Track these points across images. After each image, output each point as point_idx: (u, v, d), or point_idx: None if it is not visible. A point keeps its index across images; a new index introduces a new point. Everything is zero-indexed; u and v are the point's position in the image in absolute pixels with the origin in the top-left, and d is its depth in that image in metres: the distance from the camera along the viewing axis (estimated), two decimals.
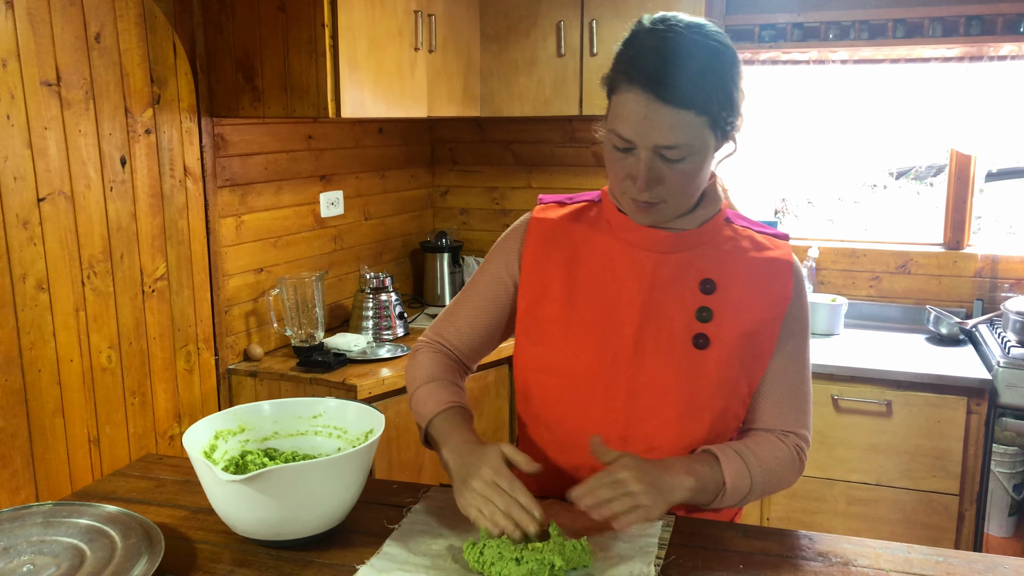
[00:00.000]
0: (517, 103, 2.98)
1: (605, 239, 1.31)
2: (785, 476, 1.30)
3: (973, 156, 3.02)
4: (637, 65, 1.15)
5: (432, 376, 1.38)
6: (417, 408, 1.36)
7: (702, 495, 1.22)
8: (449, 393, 1.35)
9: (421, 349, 1.44)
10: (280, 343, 2.80)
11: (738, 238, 1.31)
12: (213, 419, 1.30)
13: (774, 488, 1.30)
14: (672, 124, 1.13)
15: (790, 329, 1.30)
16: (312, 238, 2.91)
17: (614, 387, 1.28)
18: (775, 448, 1.29)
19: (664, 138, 1.14)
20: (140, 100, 2.24)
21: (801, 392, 1.33)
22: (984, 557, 1.19)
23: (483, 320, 1.42)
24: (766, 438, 1.30)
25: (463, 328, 1.43)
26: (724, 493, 1.23)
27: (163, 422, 2.38)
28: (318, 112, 2.37)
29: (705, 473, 1.22)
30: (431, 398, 1.34)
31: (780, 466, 1.28)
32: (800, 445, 1.32)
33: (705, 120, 1.15)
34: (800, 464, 1.31)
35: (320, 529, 1.19)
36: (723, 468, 1.23)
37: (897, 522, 2.67)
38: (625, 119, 1.16)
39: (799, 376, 1.32)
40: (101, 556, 1.12)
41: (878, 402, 2.62)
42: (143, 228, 2.28)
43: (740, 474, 1.24)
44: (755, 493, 1.27)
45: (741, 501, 1.27)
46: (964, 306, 3.06)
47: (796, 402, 1.32)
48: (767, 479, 1.27)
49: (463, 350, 1.44)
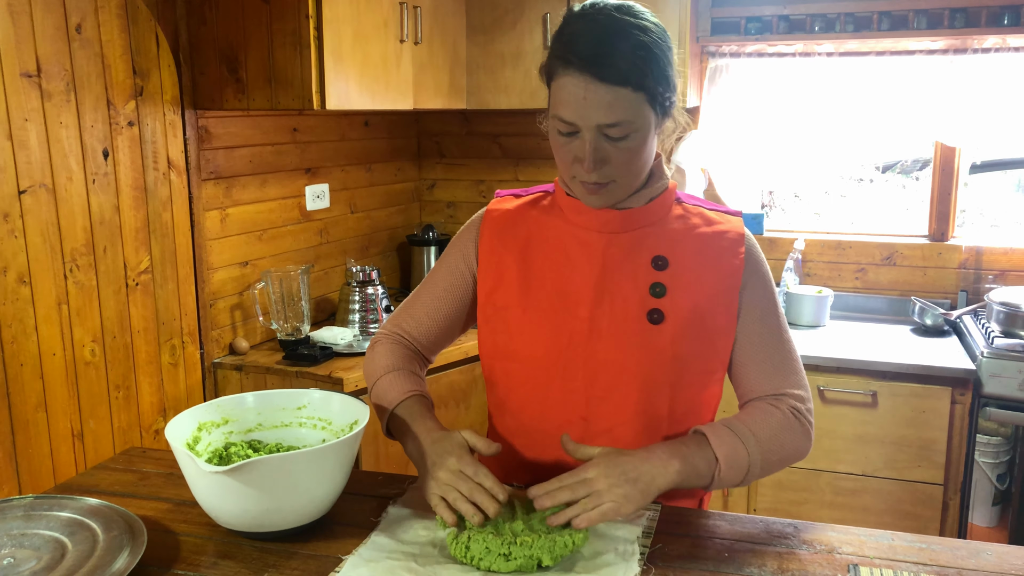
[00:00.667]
0: (503, 95, 2.97)
1: (557, 224, 1.34)
2: (788, 441, 1.27)
3: (957, 148, 3.04)
4: (571, 48, 1.18)
5: (391, 366, 1.38)
6: (378, 399, 1.37)
7: (695, 477, 1.20)
8: (409, 382, 1.36)
9: (380, 341, 1.45)
10: (266, 337, 2.78)
11: (688, 215, 1.34)
12: (196, 411, 1.29)
13: (782, 456, 1.27)
14: (611, 101, 1.16)
15: (751, 297, 1.31)
16: (298, 231, 2.90)
17: (572, 368, 1.30)
18: (767, 415, 1.27)
19: (605, 116, 1.17)
20: (122, 92, 2.22)
21: (782, 353, 1.32)
22: (967, 544, 1.19)
23: (442, 311, 1.43)
24: (757, 406, 1.30)
25: (422, 319, 1.44)
26: (720, 470, 1.21)
27: (148, 416, 2.36)
28: (303, 104, 2.35)
29: (693, 453, 1.21)
30: (391, 388, 1.35)
31: (777, 431, 1.26)
32: (795, 406, 1.29)
33: (643, 96, 1.18)
34: (801, 425, 1.29)
35: (304, 521, 1.19)
36: (712, 444, 1.22)
37: (882, 512, 2.68)
38: (565, 102, 1.19)
39: (776, 338, 1.32)
40: (82, 549, 1.11)
41: (864, 393, 2.64)
42: (126, 221, 2.26)
43: (732, 447, 1.22)
44: (758, 465, 1.24)
45: (747, 476, 1.24)
46: (949, 297, 3.07)
47: (779, 364, 1.31)
48: (767, 447, 1.25)
49: (422, 341, 1.45)
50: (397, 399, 1.34)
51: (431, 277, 1.46)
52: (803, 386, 1.32)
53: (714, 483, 1.23)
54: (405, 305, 1.48)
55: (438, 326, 1.44)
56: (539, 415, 1.34)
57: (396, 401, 1.33)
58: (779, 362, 1.31)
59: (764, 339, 1.31)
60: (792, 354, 1.33)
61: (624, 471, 1.15)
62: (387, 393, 1.35)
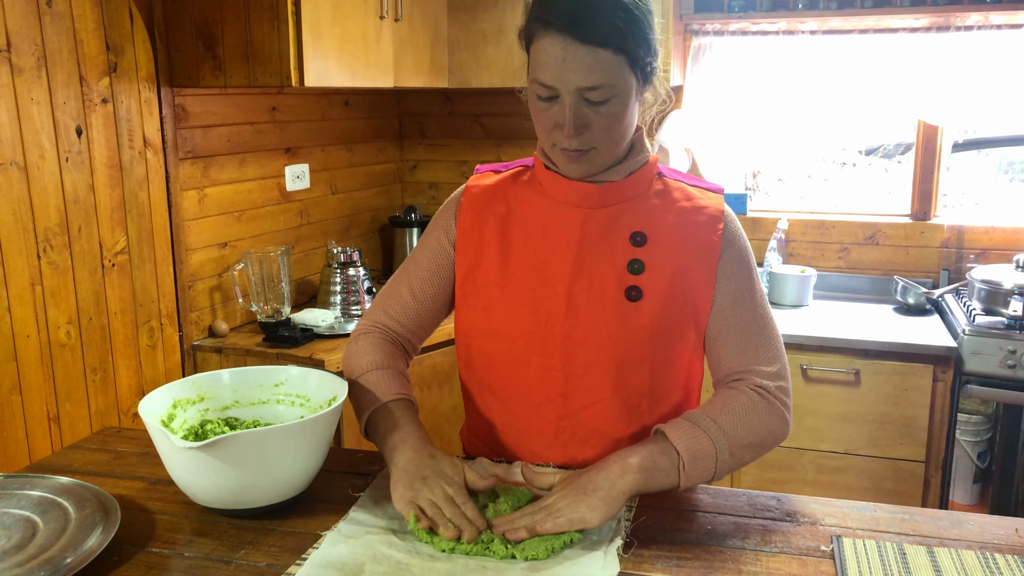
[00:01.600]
0: (485, 74, 2.94)
1: (536, 199, 1.32)
2: (757, 424, 1.22)
3: (940, 127, 3.04)
4: (551, 9, 1.15)
5: (377, 364, 1.33)
6: (360, 395, 1.30)
7: (659, 474, 1.15)
8: (397, 384, 1.31)
9: (363, 335, 1.39)
10: (246, 319, 2.75)
11: (669, 190, 1.31)
12: (171, 387, 1.27)
13: (753, 441, 1.22)
14: (591, 63, 1.14)
15: (728, 272, 1.28)
16: (278, 212, 2.86)
17: (550, 345, 1.28)
18: (729, 399, 1.23)
19: (585, 79, 1.14)
20: (95, 68, 2.17)
21: (754, 330, 1.27)
22: (949, 514, 1.19)
23: (428, 291, 1.38)
24: (719, 394, 1.26)
25: (407, 301, 1.39)
26: (683, 464, 1.16)
27: (126, 399, 2.33)
28: (281, 81, 2.32)
29: (652, 451, 1.16)
30: (378, 386, 1.29)
31: (742, 415, 1.21)
32: (761, 384, 1.24)
33: (624, 59, 1.16)
34: (768, 404, 1.23)
35: (282, 497, 1.17)
36: (671, 439, 1.17)
37: (865, 490, 2.69)
38: (545, 65, 1.16)
39: (749, 315, 1.28)
40: (54, 527, 1.09)
41: (846, 371, 2.64)
42: (101, 200, 2.22)
43: (693, 438, 1.17)
44: (727, 453, 1.19)
45: (718, 468, 1.18)
46: (931, 276, 3.08)
47: (750, 340, 1.27)
48: (734, 434, 1.20)
49: (409, 326, 1.40)
50: (386, 398, 1.28)
51: (413, 258, 1.41)
52: (775, 362, 1.27)
53: (683, 479, 1.17)
54: (388, 290, 1.42)
55: (425, 308, 1.39)
56: (518, 393, 1.32)
57: (384, 400, 1.28)
58: (750, 338, 1.27)
59: (737, 316, 1.28)
60: (766, 331, 1.28)
61: (580, 486, 1.12)
62: (374, 389, 1.29)
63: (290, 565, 1.05)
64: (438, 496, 1.12)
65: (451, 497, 1.12)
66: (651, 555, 1.08)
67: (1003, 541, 1.12)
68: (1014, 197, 3.49)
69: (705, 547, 1.10)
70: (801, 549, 1.10)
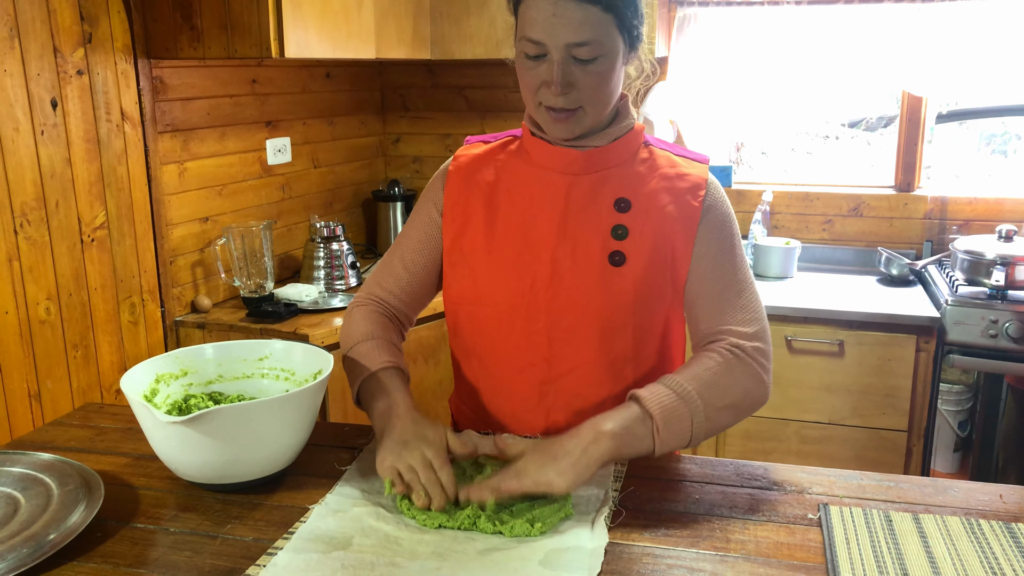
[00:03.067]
0: (468, 45, 2.90)
1: (523, 167, 1.32)
2: (731, 384, 1.20)
3: (924, 98, 3.04)
4: None
5: (369, 335, 1.33)
6: (352, 365, 1.31)
7: (633, 439, 1.13)
8: (388, 353, 1.31)
9: (357, 307, 1.40)
10: (229, 294, 2.73)
11: (655, 158, 1.32)
12: (154, 362, 1.25)
13: (729, 403, 1.19)
14: (580, 19, 1.14)
15: (708, 237, 1.27)
16: (259, 186, 2.83)
17: (535, 310, 1.28)
18: (702, 360, 1.22)
19: (574, 34, 1.15)
20: (70, 39, 2.12)
21: (732, 291, 1.26)
22: (934, 482, 1.20)
23: (419, 262, 1.39)
24: (695, 356, 1.25)
25: (399, 272, 1.40)
26: (657, 428, 1.13)
27: (108, 376, 2.31)
28: (260, 52, 2.28)
29: (624, 416, 1.14)
30: (369, 356, 1.30)
31: (717, 375, 1.19)
32: (737, 344, 1.22)
33: (612, 19, 1.17)
34: (744, 364, 1.21)
35: (268, 472, 1.16)
36: (644, 403, 1.15)
37: (848, 459, 2.72)
38: (534, 21, 1.17)
39: (728, 277, 1.27)
40: (36, 504, 1.07)
41: (830, 342, 2.65)
42: (79, 174, 2.18)
43: (665, 401, 1.15)
44: (702, 416, 1.16)
45: (693, 431, 1.16)
46: (914, 247, 3.10)
47: (728, 301, 1.26)
48: (709, 395, 1.17)
49: (402, 297, 1.41)
50: (375, 367, 1.28)
51: (405, 230, 1.42)
52: (753, 324, 1.25)
53: (657, 444, 1.14)
54: (380, 265, 1.44)
55: (417, 279, 1.40)
56: (503, 358, 1.33)
57: (374, 368, 1.28)
58: (728, 300, 1.26)
59: (715, 279, 1.27)
60: (744, 294, 1.27)
61: (551, 451, 1.11)
62: (364, 359, 1.30)
63: (277, 539, 1.04)
64: (416, 460, 1.12)
65: (429, 461, 1.12)
66: (639, 525, 1.08)
67: (987, 507, 1.12)
68: (995, 168, 3.51)
69: (693, 516, 1.10)
70: (788, 517, 1.10)
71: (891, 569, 0.97)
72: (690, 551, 1.02)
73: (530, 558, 0.99)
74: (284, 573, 0.95)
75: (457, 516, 1.07)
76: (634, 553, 1.02)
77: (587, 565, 0.97)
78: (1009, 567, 0.97)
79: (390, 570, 0.96)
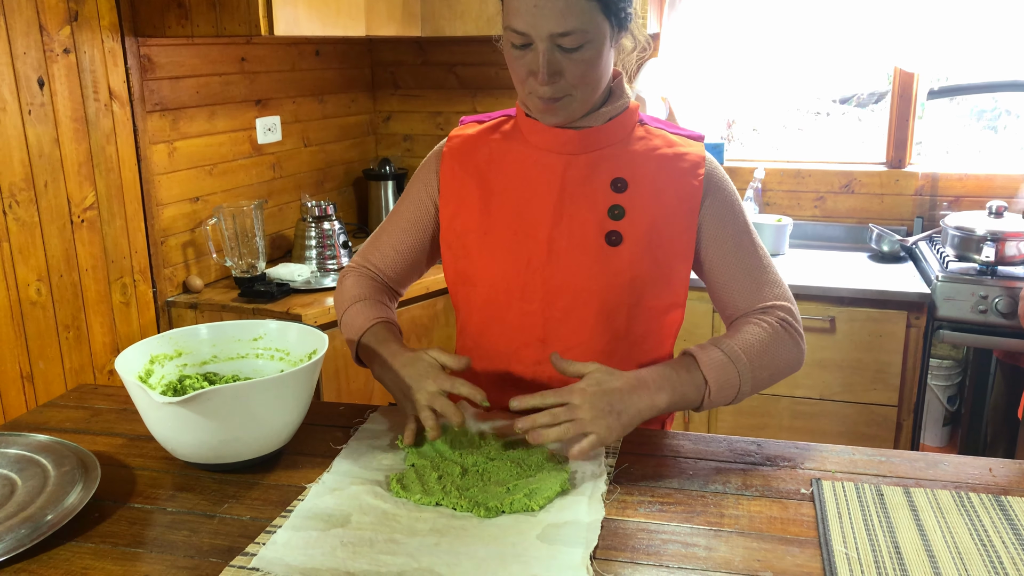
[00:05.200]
0: (459, 21, 2.88)
1: (518, 147, 1.32)
2: (780, 354, 1.25)
3: (916, 74, 3.03)
4: None
5: (359, 296, 1.37)
6: (346, 329, 1.36)
7: (683, 403, 1.18)
8: (377, 310, 1.35)
9: (348, 274, 1.44)
10: (221, 274, 2.72)
11: (650, 137, 1.32)
12: (148, 343, 1.25)
13: (772, 372, 1.24)
14: (563, 9, 1.14)
15: (714, 218, 1.29)
16: (250, 165, 2.81)
17: (530, 290, 1.29)
18: (756, 329, 1.24)
19: (557, 24, 1.14)
20: (56, 17, 2.09)
21: (760, 268, 1.30)
22: (924, 456, 1.21)
23: (407, 243, 1.41)
24: (745, 322, 1.27)
25: (388, 252, 1.43)
26: (709, 393, 1.18)
27: (100, 356, 2.30)
28: (249, 30, 2.25)
29: (683, 381, 1.18)
30: (359, 316, 1.34)
31: (769, 345, 1.23)
32: (785, 318, 1.27)
33: (596, 5, 1.16)
34: (791, 337, 1.26)
35: (264, 451, 1.16)
36: (702, 368, 1.18)
37: (839, 434, 2.74)
38: (517, 11, 1.16)
39: (751, 255, 1.30)
40: (33, 485, 1.08)
41: (822, 319, 2.67)
42: (68, 154, 2.16)
43: (722, 369, 1.19)
44: (748, 383, 1.21)
45: (738, 396, 1.22)
46: (905, 224, 3.11)
47: (759, 278, 1.29)
48: (758, 364, 1.22)
49: (390, 275, 1.44)
50: (364, 326, 1.32)
51: (396, 209, 1.43)
52: (788, 297, 1.30)
53: (703, 406, 1.20)
54: (372, 238, 1.46)
55: (404, 259, 1.43)
56: (498, 337, 1.34)
57: (363, 328, 1.32)
58: (759, 276, 1.29)
59: (739, 257, 1.29)
60: (771, 267, 1.31)
61: (611, 402, 1.12)
62: (354, 320, 1.34)
63: (275, 518, 1.05)
64: (425, 401, 1.17)
65: (438, 391, 1.17)
66: (634, 500, 1.09)
67: (977, 480, 1.14)
68: (986, 144, 3.52)
69: (687, 492, 1.11)
70: (781, 492, 1.11)
71: (882, 543, 0.98)
72: (684, 526, 1.03)
73: (527, 532, 1.00)
74: (284, 550, 0.96)
75: (451, 496, 1.07)
76: (629, 528, 1.03)
77: (584, 539, 0.98)
78: (999, 539, 0.99)
79: (389, 546, 0.97)
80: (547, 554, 0.95)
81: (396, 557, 0.95)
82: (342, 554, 0.95)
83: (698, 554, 0.97)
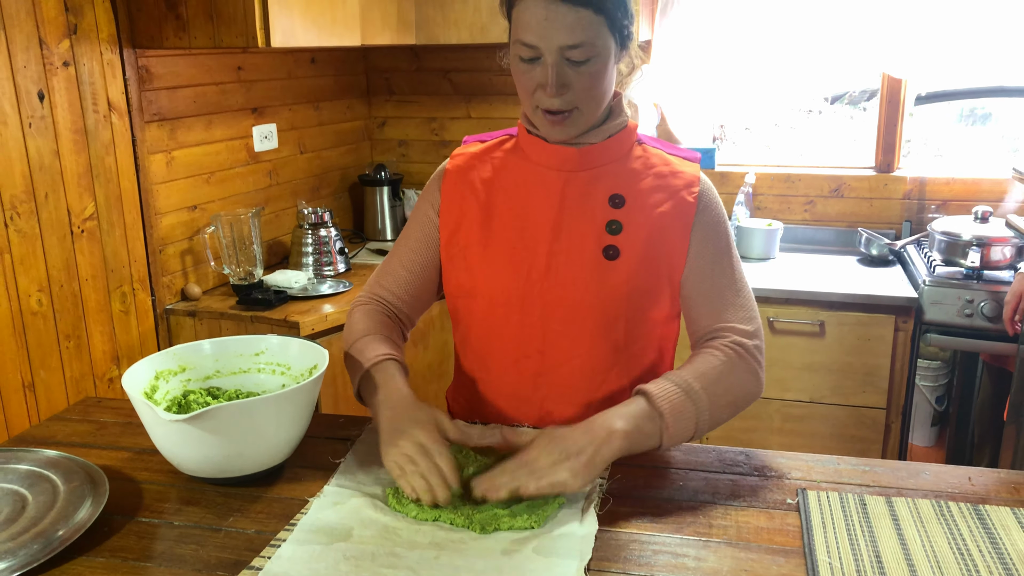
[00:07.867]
0: (453, 29, 2.91)
1: (519, 164, 1.36)
2: (735, 383, 1.26)
3: (904, 80, 3.08)
4: None
5: (366, 331, 1.36)
6: (351, 362, 1.34)
7: (642, 438, 1.17)
8: (384, 346, 1.33)
9: (357, 308, 1.43)
10: (218, 282, 2.75)
11: (648, 156, 1.36)
12: (152, 359, 1.28)
13: (730, 400, 1.25)
14: (572, 23, 1.17)
15: (705, 236, 1.32)
16: (246, 173, 2.84)
17: (529, 304, 1.32)
18: (708, 358, 1.26)
19: (567, 37, 1.18)
20: (55, 30, 2.12)
21: (732, 290, 1.31)
22: (907, 465, 1.25)
23: (417, 262, 1.42)
24: (698, 353, 1.29)
25: (399, 272, 1.43)
26: (666, 427, 1.17)
27: (101, 365, 2.33)
28: (247, 42, 2.28)
29: (635, 413, 1.17)
30: (365, 350, 1.32)
31: (722, 374, 1.24)
32: (739, 342, 1.28)
33: (603, 20, 1.20)
34: (745, 363, 1.27)
35: (267, 465, 1.20)
36: (655, 401, 1.18)
37: (828, 436, 2.79)
38: (527, 25, 1.19)
39: (726, 276, 1.32)
40: (43, 500, 1.11)
41: (811, 323, 2.71)
42: (68, 166, 2.19)
43: (675, 400, 1.19)
44: (707, 413, 1.21)
45: (698, 428, 1.21)
46: (893, 227, 3.15)
47: (727, 299, 1.31)
48: (714, 392, 1.22)
49: (402, 296, 1.43)
50: (371, 361, 1.30)
51: (405, 231, 1.46)
52: (752, 322, 1.31)
53: (664, 441, 1.19)
54: (383, 264, 1.47)
55: (416, 277, 1.42)
56: (498, 350, 1.38)
57: (369, 363, 1.30)
58: (728, 298, 1.31)
59: (715, 277, 1.32)
60: (743, 293, 1.33)
61: (564, 448, 1.12)
62: (361, 354, 1.32)
63: (279, 531, 1.08)
64: (412, 448, 1.13)
65: (424, 446, 1.13)
66: (626, 512, 1.13)
67: (956, 489, 1.18)
68: (973, 143, 3.56)
69: (677, 503, 1.15)
70: (768, 502, 1.15)
71: (864, 552, 1.02)
72: (674, 537, 1.07)
73: (524, 545, 1.03)
74: (289, 564, 0.99)
75: (446, 513, 1.09)
76: (621, 540, 1.06)
77: (578, 551, 1.02)
78: (975, 547, 1.03)
79: (390, 560, 1.00)
80: (543, 566, 0.99)
81: (397, 571, 0.98)
82: (345, 568, 0.99)
83: (688, 564, 1.01)
